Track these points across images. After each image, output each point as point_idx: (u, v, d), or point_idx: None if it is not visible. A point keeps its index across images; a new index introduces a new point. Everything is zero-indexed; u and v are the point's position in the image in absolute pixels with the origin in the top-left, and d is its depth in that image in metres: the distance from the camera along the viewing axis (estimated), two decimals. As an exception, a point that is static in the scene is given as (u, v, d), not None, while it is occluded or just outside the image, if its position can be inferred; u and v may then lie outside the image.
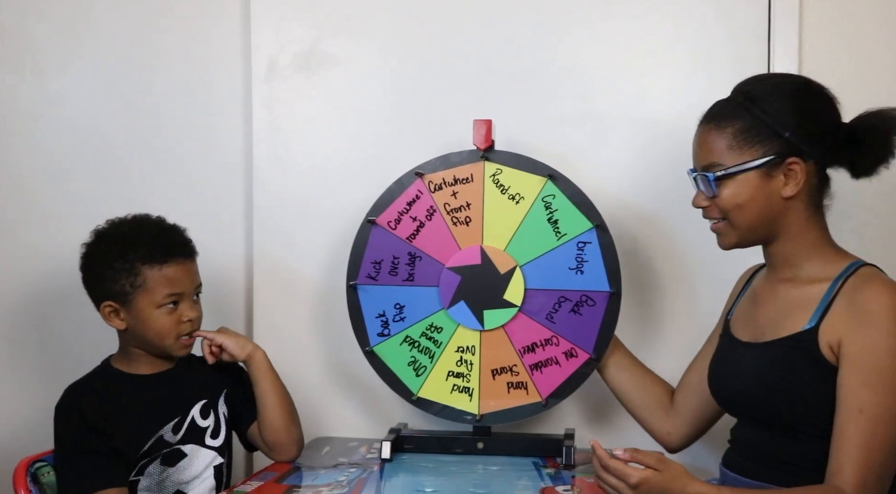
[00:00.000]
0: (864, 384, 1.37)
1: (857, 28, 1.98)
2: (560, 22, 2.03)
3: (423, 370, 1.85)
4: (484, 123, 1.82)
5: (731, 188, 1.49)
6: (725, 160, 1.48)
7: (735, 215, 1.50)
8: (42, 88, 2.15)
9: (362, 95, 2.08)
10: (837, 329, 1.41)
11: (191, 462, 1.69)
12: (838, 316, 1.42)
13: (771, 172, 1.47)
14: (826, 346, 1.42)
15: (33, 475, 1.64)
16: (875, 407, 1.36)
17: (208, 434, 1.72)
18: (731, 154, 1.48)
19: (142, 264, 1.65)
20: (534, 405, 1.83)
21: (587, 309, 1.82)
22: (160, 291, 1.66)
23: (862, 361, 1.38)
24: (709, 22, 2.00)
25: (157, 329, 1.67)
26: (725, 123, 1.49)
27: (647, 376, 1.81)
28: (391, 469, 1.74)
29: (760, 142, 1.46)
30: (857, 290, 1.42)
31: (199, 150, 2.12)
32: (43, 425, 2.04)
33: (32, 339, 2.15)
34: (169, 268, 1.67)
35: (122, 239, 1.68)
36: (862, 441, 1.36)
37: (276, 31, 2.08)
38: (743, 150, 1.47)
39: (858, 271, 1.46)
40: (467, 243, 1.84)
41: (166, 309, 1.67)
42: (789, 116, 1.46)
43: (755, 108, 1.48)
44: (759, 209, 1.48)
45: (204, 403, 1.73)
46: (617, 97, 2.02)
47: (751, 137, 1.47)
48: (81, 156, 2.15)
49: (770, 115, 1.47)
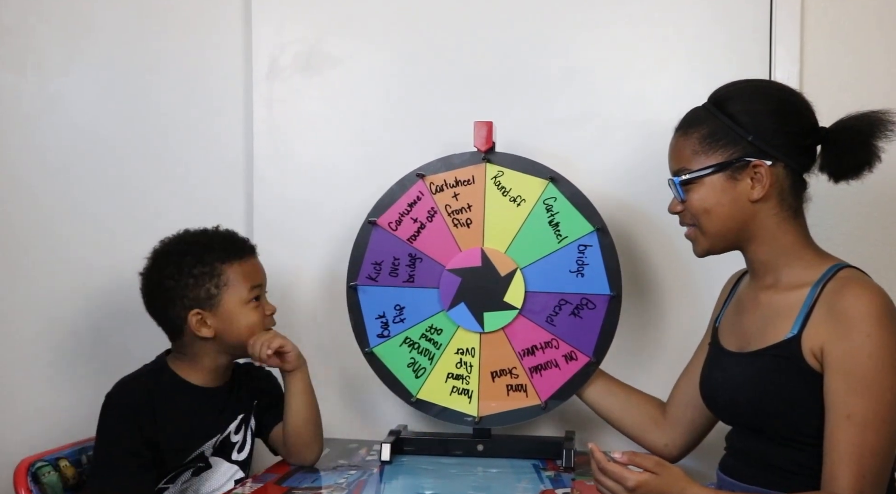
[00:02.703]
0: (849, 391, 1.36)
1: (859, 30, 1.97)
2: (561, 24, 2.02)
3: (423, 371, 1.85)
4: (485, 124, 1.82)
5: (698, 192, 1.49)
6: (691, 165, 1.50)
7: (704, 219, 1.50)
8: (43, 87, 2.15)
9: (363, 96, 2.08)
10: (819, 336, 1.40)
11: (213, 474, 1.70)
12: (819, 323, 1.41)
13: (736, 176, 1.47)
14: (809, 354, 1.41)
15: (34, 474, 1.63)
16: (862, 413, 1.35)
17: (236, 448, 1.73)
18: (696, 159, 1.49)
19: (222, 264, 1.68)
20: (533, 407, 1.83)
21: (587, 312, 1.82)
22: (245, 286, 1.69)
23: (845, 367, 1.37)
24: (710, 24, 2.00)
25: (249, 325, 1.68)
26: (692, 128, 1.51)
27: (632, 395, 1.81)
28: (391, 471, 1.74)
29: (724, 146, 1.47)
30: (836, 294, 1.41)
31: (200, 150, 2.12)
32: (41, 423, 2.05)
33: (35, 343, 2.15)
34: (247, 263, 1.71)
35: (192, 248, 1.70)
36: (853, 448, 1.35)
37: (277, 31, 2.08)
38: (707, 154, 1.48)
39: (838, 274, 1.44)
40: (468, 245, 1.84)
41: (253, 304, 1.69)
42: (754, 119, 1.47)
43: (720, 112, 1.49)
44: (726, 213, 1.48)
45: (241, 418, 1.74)
46: (618, 100, 2.02)
47: (715, 142, 1.48)
48: (82, 155, 2.15)
49: (734, 118, 1.47)
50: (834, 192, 1.57)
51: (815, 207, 1.57)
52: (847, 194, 1.65)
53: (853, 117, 1.47)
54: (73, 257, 1.89)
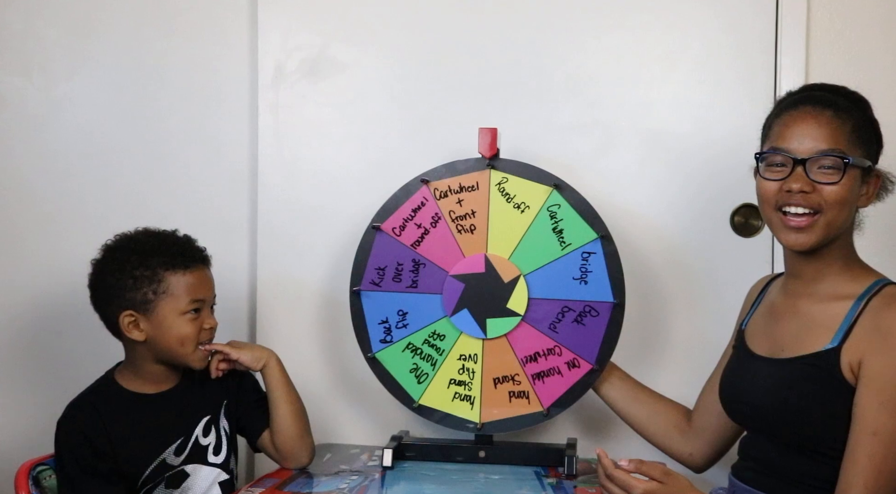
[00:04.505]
0: (882, 407, 1.35)
1: (865, 40, 1.98)
2: (567, 31, 2.03)
3: (425, 377, 1.85)
4: (489, 131, 1.82)
5: (846, 182, 1.42)
6: (850, 151, 1.42)
7: (836, 210, 1.43)
8: (49, 92, 2.15)
9: (368, 102, 2.08)
10: (859, 350, 1.39)
11: (194, 481, 1.68)
12: (861, 336, 1.39)
13: (866, 178, 1.46)
14: (847, 366, 1.39)
15: (35, 478, 1.63)
16: (890, 431, 1.34)
17: (210, 450, 1.71)
18: (852, 147, 1.43)
19: (164, 271, 1.64)
20: (535, 414, 1.83)
21: (591, 320, 1.81)
22: (184, 297, 1.65)
23: (881, 383, 1.36)
24: (716, 33, 2.00)
25: (179, 336, 1.65)
26: (846, 114, 1.44)
27: (658, 402, 1.80)
28: (392, 476, 1.74)
29: (867, 145, 1.45)
30: (881, 310, 1.40)
31: (205, 155, 2.12)
32: (44, 429, 2.05)
33: (36, 345, 2.15)
34: (192, 274, 1.66)
35: (140, 248, 1.67)
36: (873, 464, 1.34)
37: (283, 37, 2.08)
38: (859, 146, 1.44)
39: (883, 290, 1.43)
40: (472, 251, 1.84)
41: (189, 316, 1.65)
42: (877, 130, 1.49)
43: (866, 110, 1.48)
44: (849, 212, 1.46)
45: (206, 420, 1.71)
46: (624, 107, 2.02)
47: (860, 138, 1.44)
48: (87, 160, 2.15)
49: (872, 124, 1.48)
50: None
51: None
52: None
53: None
54: (78, 260, 1.87)
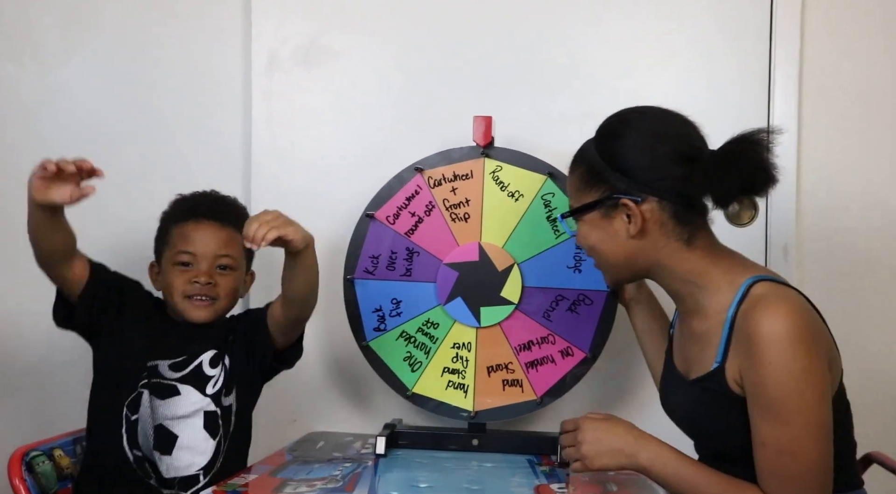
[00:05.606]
0: (761, 417, 1.34)
1: (859, 31, 1.98)
2: (562, 20, 2.03)
3: (419, 365, 1.85)
4: (483, 119, 1.82)
5: (581, 229, 1.51)
6: (574, 201, 1.51)
7: (593, 255, 1.51)
8: (42, 78, 2.15)
9: (362, 90, 2.08)
10: (736, 363, 1.37)
11: (181, 400, 1.70)
12: (735, 350, 1.37)
13: (609, 214, 1.45)
14: (733, 382, 1.38)
15: (28, 464, 1.63)
16: (775, 440, 1.33)
17: (211, 383, 1.73)
18: (577, 196, 1.49)
19: (170, 223, 1.75)
20: (529, 402, 1.83)
21: (584, 308, 1.82)
22: (175, 247, 1.72)
23: (755, 394, 1.34)
24: (711, 23, 2.00)
25: (168, 285, 1.73)
26: (576, 165, 1.51)
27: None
28: (386, 464, 1.74)
29: (597, 184, 1.45)
30: (744, 317, 1.35)
31: (199, 142, 2.12)
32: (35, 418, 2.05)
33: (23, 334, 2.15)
34: (187, 226, 1.73)
35: (173, 204, 1.79)
36: (772, 473, 1.34)
37: (276, 24, 2.08)
38: (585, 192, 1.47)
39: (750, 291, 1.37)
40: (466, 240, 1.84)
41: (179, 268, 1.71)
42: (621, 156, 1.44)
43: (594, 150, 1.47)
44: (610, 249, 1.47)
45: (214, 354, 1.74)
46: (618, 97, 1.99)
47: (591, 179, 1.46)
48: (80, 146, 2.11)
49: (604, 156, 1.45)
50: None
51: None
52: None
53: (731, 140, 1.41)
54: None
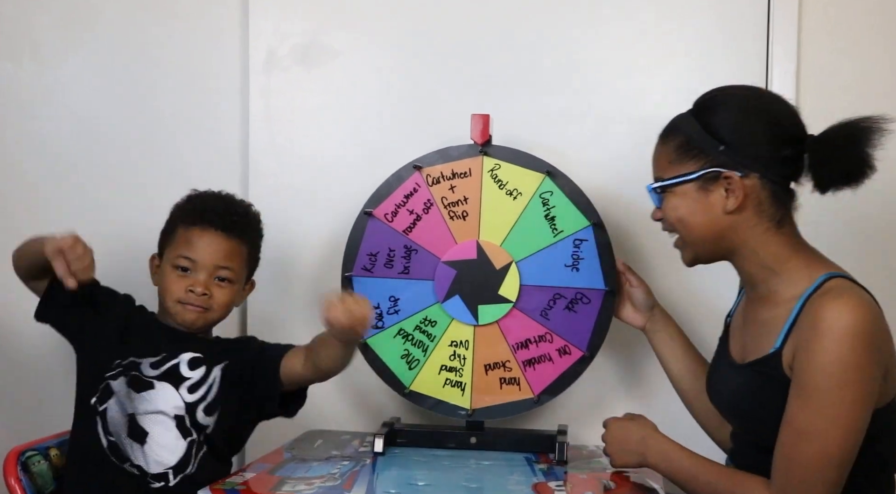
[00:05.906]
0: (796, 396, 1.34)
1: (857, 30, 1.98)
2: (560, 18, 2.02)
3: (416, 363, 1.85)
4: (481, 117, 1.82)
5: (671, 202, 1.49)
6: (665, 173, 1.49)
7: (680, 229, 1.50)
8: (40, 76, 2.14)
9: (361, 88, 2.07)
10: (793, 347, 1.38)
11: (155, 395, 1.67)
12: (797, 334, 1.38)
13: (708, 187, 1.45)
14: (787, 367, 1.38)
15: (24, 464, 1.63)
16: (800, 421, 1.33)
17: (186, 384, 1.69)
18: (670, 168, 1.48)
19: (178, 222, 1.74)
20: (526, 401, 1.83)
21: (582, 307, 1.82)
22: (177, 249, 1.70)
23: (800, 373, 1.34)
24: (708, 21, 2.00)
25: (165, 287, 1.71)
26: (671, 136, 1.50)
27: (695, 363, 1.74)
28: (384, 462, 1.74)
29: (697, 156, 1.45)
30: (813, 306, 1.36)
31: (197, 140, 2.12)
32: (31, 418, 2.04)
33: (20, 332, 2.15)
34: (193, 231, 1.71)
35: (185, 200, 1.77)
36: (785, 452, 1.35)
37: (275, 22, 2.07)
38: (682, 163, 1.47)
39: (824, 285, 1.39)
40: (464, 238, 1.84)
41: (179, 272, 1.70)
42: (727, 129, 1.44)
43: (696, 121, 1.47)
44: (701, 224, 1.47)
45: (195, 357, 1.71)
46: (616, 95, 2.02)
47: (689, 151, 1.46)
48: (79, 145, 2.14)
49: (708, 128, 1.45)
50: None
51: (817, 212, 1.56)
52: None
53: (839, 125, 1.42)
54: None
